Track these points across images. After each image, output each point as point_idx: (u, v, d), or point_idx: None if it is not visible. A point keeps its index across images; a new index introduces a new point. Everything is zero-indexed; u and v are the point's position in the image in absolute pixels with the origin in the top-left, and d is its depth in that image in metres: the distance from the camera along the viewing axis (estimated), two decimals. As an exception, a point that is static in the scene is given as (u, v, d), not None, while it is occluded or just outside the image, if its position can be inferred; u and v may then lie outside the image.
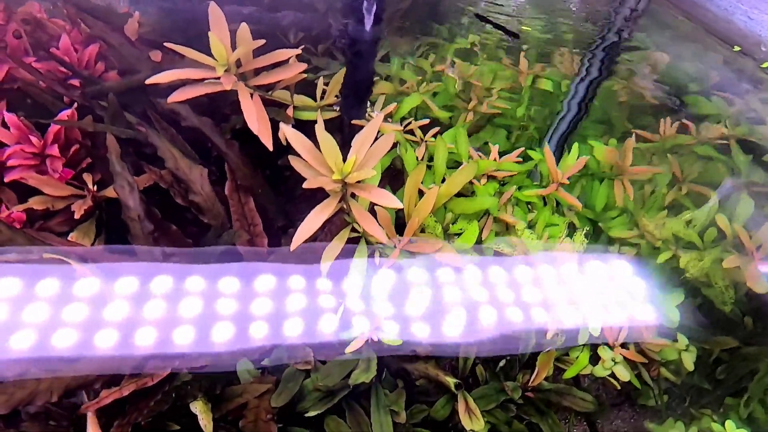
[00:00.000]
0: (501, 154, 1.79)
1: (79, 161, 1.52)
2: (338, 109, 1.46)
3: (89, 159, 1.51)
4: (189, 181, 1.53)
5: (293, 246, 1.21)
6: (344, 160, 1.13)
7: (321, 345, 1.51)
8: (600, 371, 1.46)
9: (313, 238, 1.69)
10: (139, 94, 1.58)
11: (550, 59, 2.16)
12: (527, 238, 1.49)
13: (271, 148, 1.18)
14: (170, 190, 1.57)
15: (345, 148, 1.19)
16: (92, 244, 1.56)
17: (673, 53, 2.18)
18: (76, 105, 1.49)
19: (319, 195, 1.82)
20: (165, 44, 1.13)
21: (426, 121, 1.58)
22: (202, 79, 1.23)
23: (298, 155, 1.27)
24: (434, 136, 1.68)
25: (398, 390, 1.65)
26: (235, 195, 1.67)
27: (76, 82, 1.59)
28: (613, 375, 1.57)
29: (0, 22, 1.60)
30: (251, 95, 1.19)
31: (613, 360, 1.43)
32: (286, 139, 1.70)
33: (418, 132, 1.62)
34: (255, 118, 1.10)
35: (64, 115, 1.45)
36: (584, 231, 1.50)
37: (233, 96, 1.43)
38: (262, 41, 1.11)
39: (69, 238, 1.51)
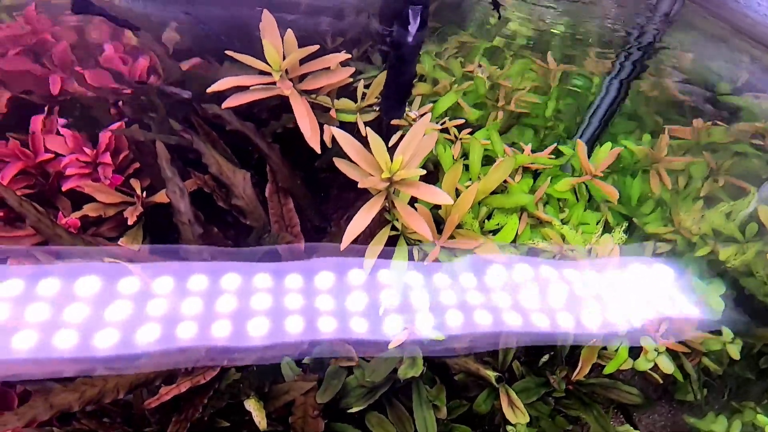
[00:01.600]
0: (532, 152, 1.81)
1: (127, 168, 1.58)
2: (377, 110, 1.50)
3: (136, 165, 1.57)
4: (232, 185, 1.57)
5: (344, 245, 1.24)
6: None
7: (363, 342, 1.54)
8: (642, 364, 1.47)
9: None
10: (183, 101, 1.63)
11: (576, 60, 2.18)
12: (566, 233, 1.51)
13: (319, 151, 1.22)
14: (213, 195, 1.62)
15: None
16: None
17: (702, 53, 2.18)
18: (124, 114, 1.54)
19: (353, 195, 1.87)
20: (226, 52, 1.17)
21: (461, 120, 1.61)
22: (248, 86, 1.28)
23: (342, 157, 1.31)
24: (468, 134, 1.71)
25: (438, 385, 1.68)
26: (275, 197, 1.71)
27: (122, 90, 1.64)
28: (653, 369, 1.57)
29: (47, 36, 1.66)
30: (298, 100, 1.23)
31: (656, 350, 1.43)
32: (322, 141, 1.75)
33: (453, 131, 1.65)
34: (308, 122, 1.14)
35: (115, 125, 1.50)
36: (623, 226, 1.51)
37: (272, 101, 1.48)
38: (316, 47, 1.15)
39: (119, 242, 1.56)
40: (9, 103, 1.59)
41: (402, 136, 1.59)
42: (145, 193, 1.55)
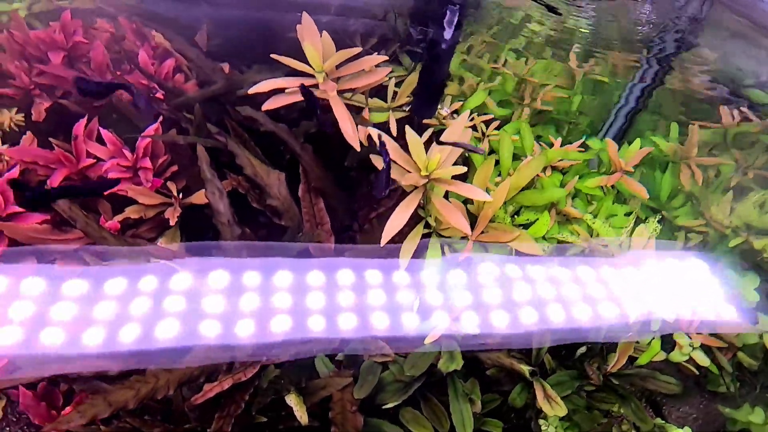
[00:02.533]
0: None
1: (164, 171, 1.61)
2: (408, 109, 1.52)
3: (173, 169, 1.60)
4: (267, 185, 1.60)
5: (383, 241, 1.27)
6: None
7: (398, 337, 1.56)
8: (677, 357, 1.48)
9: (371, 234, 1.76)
10: (214, 103, 1.66)
11: (602, 58, 2.19)
12: (598, 227, 1.51)
13: (358, 149, 1.24)
14: (247, 195, 1.65)
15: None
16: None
17: (727, 50, 2.18)
18: (161, 117, 1.57)
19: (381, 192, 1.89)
20: (271, 56, 1.20)
21: (490, 116, 1.62)
22: (284, 88, 1.30)
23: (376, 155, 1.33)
24: (496, 129, 1.73)
25: (471, 379, 1.70)
26: (307, 196, 1.74)
27: (157, 94, 1.68)
28: (686, 360, 1.58)
29: (83, 40, 1.70)
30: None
31: (691, 345, 1.44)
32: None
33: (481, 127, 1.66)
34: (348, 123, 1.16)
35: (152, 129, 1.54)
36: (656, 219, 1.52)
37: (302, 102, 1.50)
38: (359, 49, 1.17)
39: (158, 243, 1.60)
40: (47, 109, 1.63)
41: (433, 134, 1.61)
42: (181, 194, 1.59)
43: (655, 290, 1.52)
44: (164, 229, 1.68)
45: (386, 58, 1.18)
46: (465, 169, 1.19)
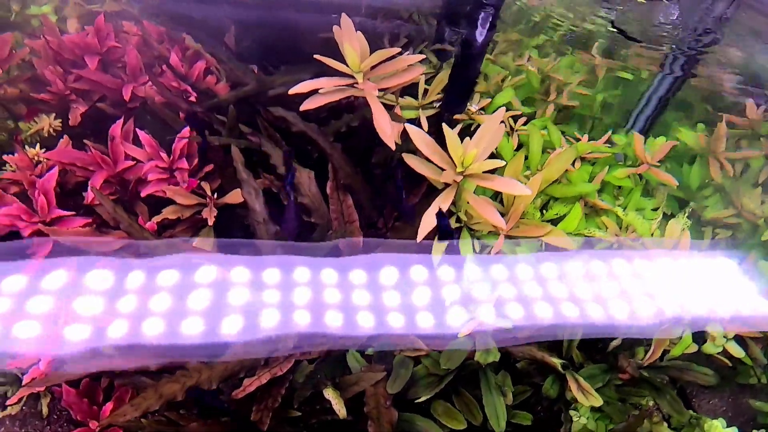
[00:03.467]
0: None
1: (198, 171, 1.64)
2: (437, 106, 1.53)
3: (207, 169, 1.63)
4: (298, 183, 1.63)
5: (419, 237, 1.29)
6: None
7: (431, 334, 1.58)
8: (710, 348, 1.48)
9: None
10: (245, 104, 1.69)
11: (628, 55, 2.20)
12: (631, 220, 1.52)
13: (393, 148, 1.26)
14: (279, 194, 1.68)
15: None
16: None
17: (753, 49, 2.17)
18: (194, 119, 1.60)
19: (404, 189, 1.91)
20: (315, 57, 1.22)
21: (518, 112, 1.63)
22: (316, 90, 1.32)
23: (407, 153, 1.35)
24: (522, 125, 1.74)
25: (503, 372, 1.72)
26: (335, 194, 1.77)
27: (191, 97, 1.71)
28: (719, 352, 1.58)
29: (116, 44, 1.74)
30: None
31: (724, 336, 1.44)
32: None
33: (509, 122, 1.67)
34: (386, 122, 1.18)
35: (186, 130, 1.57)
36: (686, 212, 1.52)
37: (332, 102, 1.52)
38: (397, 49, 1.19)
39: (194, 244, 1.64)
40: (83, 114, 1.67)
41: (463, 130, 1.63)
42: (216, 194, 1.62)
43: (687, 284, 1.53)
44: (198, 229, 1.72)
45: (422, 57, 1.20)
46: (503, 162, 1.20)
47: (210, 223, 1.49)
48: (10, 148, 1.80)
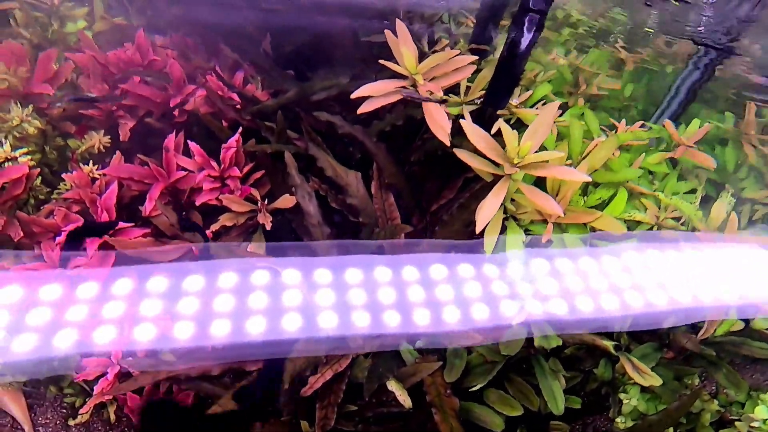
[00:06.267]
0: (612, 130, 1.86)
1: (247, 178, 1.68)
2: (479, 102, 1.57)
3: (256, 176, 1.66)
4: (346, 185, 1.66)
5: (478, 229, 1.32)
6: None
7: (486, 327, 1.61)
8: (760, 323, 1.52)
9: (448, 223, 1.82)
10: (286, 110, 1.73)
11: (657, 50, 2.24)
12: (677, 204, 1.55)
13: (448, 144, 1.30)
14: (327, 196, 1.72)
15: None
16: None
17: None
18: (241, 127, 1.64)
19: (438, 184, 1.94)
20: (379, 61, 1.25)
21: (558, 102, 1.67)
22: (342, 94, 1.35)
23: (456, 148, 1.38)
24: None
25: (553, 359, 1.75)
26: (378, 193, 1.80)
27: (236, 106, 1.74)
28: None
29: (156, 58, 1.77)
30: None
31: (774, 311, 1.48)
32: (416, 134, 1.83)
33: (547, 114, 1.71)
34: (442, 120, 1.22)
35: (234, 138, 1.60)
36: (729, 192, 1.56)
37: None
38: (456, 51, 1.23)
39: (248, 248, 1.67)
40: (131, 128, 1.71)
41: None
42: (266, 200, 1.65)
43: (733, 266, 1.56)
44: (249, 234, 1.76)
45: (474, 58, 1.23)
46: (563, 153, 1.23)
47: (268, 227, 1.53)
48: (61, 164, 1.84)
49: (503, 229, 1.58)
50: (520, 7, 1.22)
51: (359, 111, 1.27)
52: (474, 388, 1.66)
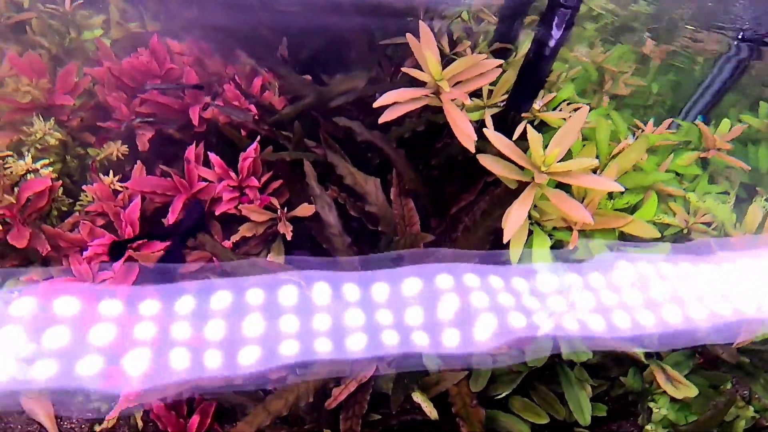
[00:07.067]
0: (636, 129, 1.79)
1: (266, 188, 1.66)
2: (501, 105, 1.53)
3: (274, 185, 1.65)
4: (366, 193, 1.64)
5: (505, 238, 1.29)
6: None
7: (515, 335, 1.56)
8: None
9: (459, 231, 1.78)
10: (303, 116, 1.70)
11: (686, 45, 2.16)
12: (710, 207, 1.50)
13: (473, 151, 1.26)
14: (346, 204, 1.69)
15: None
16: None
17: None
18: (258, 136, 1.62)
19: (457, 188, 1.90)
20: (403, 69, 1.22)
21: (581, 104, 1.62)
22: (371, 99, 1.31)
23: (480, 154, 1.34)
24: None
25: (578, 367, 1.72)
26: (398, 199, 1.77)
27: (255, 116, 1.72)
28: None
29: (173, 66, 1.75)
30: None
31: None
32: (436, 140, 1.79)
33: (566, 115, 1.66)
34: (466, 126, 1.18)
35: (252, 147, 1.59)
36: (765, 196, 1.49)
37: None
38: (482, 56, 1.19)
39: (268, 258, 1.66)
40: (149, 138, 1.70)
41: (526, 128, 1.62)
42: (285, 208, 1.64)
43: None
44: (268, 244, 1.75)
45: (501, 61, 1.19)
46: (595, 162, 1.19)
47: (288, 237, 1.51)
48: (81, 174, 1.85)
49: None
50: (549, 2, 1.17)
51: (381, 120, 1.23)
52: (499, 396, 1.64)
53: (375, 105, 1.19)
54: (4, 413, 1.54)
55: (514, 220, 1.27)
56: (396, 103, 1.19)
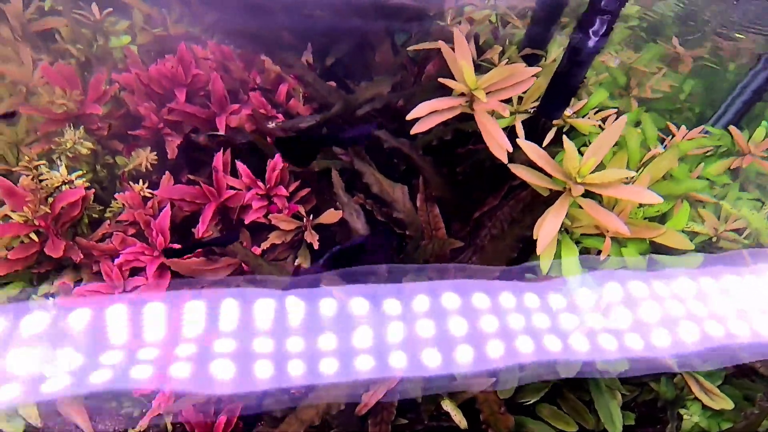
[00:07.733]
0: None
1: (293, 196, 1.67)
2: (532, 112, 1.51)
3: (302, 193, 1.65)
4: (393, 200, 1.63)
5: (539, 250, 1.28)
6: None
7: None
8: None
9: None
10: (331, 125, 1.70)
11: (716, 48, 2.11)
12: (746, 215, 1.47)
13: (506, 161, 1.25)
14: (373, 210, 1.69)
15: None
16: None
17: None
18: (285, 144, 1.62)
19: (482, 195, 1.89)
20: (439, 80, 1.21)
21: (613, 111, 1.59)
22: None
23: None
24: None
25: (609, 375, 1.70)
26: (424, 205, 1.77)
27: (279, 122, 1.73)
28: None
29: (200, 72, 1.76)
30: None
31: None
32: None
33: (600, 124, 1.63)
34: (498, 135, 1.17)
35: (279, 158, 1.59)
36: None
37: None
38: (521, 65, 1.17)
39: (295, 264, 1.67)
40: (178, 145, 1.71)
41: (556, 135, 1.60)
42: (311, 215, 1.64)
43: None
44: (295, 250, 1.76)
45: (538, 69, 1.17)
46: (632, 173, 1.17)
47: (315, 246, 1.52)
48: (111, 181, 1.87)
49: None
50: (589, 7, 1.15)
51: (413, 131, 1.23)
52: (528, 403, 1.63)
53: (409, 117, 1.18)
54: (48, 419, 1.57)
55: (547, 230, 1.26)
56: (434, 115, 1.18)
